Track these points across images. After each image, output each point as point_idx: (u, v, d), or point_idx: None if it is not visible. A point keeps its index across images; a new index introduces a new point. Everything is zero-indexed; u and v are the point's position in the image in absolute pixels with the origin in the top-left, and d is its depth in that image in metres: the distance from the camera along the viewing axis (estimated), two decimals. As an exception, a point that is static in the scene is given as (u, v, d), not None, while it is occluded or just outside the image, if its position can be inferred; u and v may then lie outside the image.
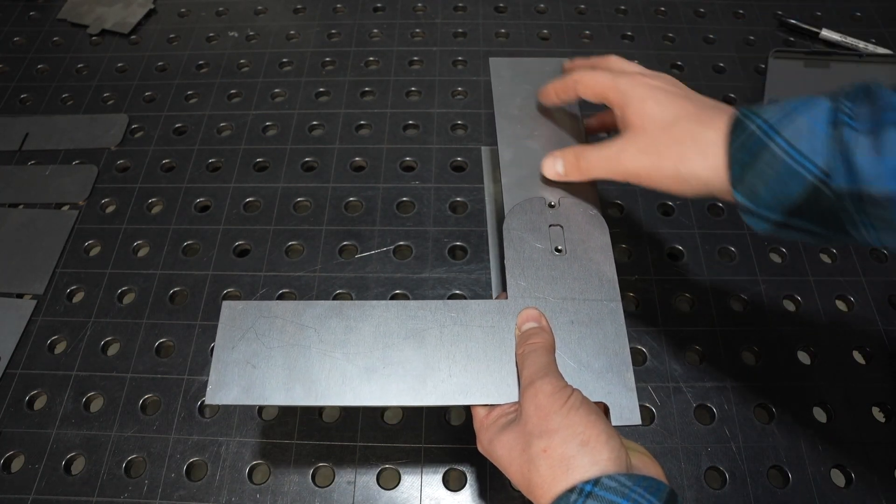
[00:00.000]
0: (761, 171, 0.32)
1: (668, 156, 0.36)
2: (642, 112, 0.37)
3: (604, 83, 0.40)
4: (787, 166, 0.31)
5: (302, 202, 0.61)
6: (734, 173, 0.33)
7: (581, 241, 0.42)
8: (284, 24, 0.78)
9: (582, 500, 0.28)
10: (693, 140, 0.35)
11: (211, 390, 0.36)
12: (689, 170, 0.35)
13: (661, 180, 0.37)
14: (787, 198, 0.32)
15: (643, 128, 0.37)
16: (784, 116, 0.32)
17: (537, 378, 0.33)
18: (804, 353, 0.52)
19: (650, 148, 0.37)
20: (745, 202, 0.33)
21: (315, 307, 0.39)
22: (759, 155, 0.32)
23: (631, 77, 0.39)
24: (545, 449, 0.31)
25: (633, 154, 0.38)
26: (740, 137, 0.33)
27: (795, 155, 0.31)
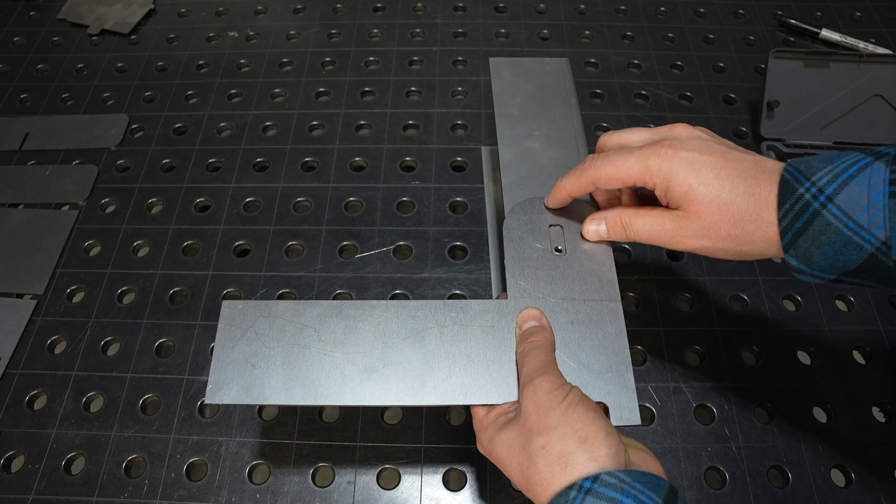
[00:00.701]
0: (815, 238, 0.31)
1: (729, 239, 0.35)
2: (690, 195, 0.35)
3: (633, 170, 0.36)
4: (844, 236, 0.31)
5: (302, 202, 0.61)
6: (786, 239, 0.33)
7: (581, 241, 0.42)
8: (284, 24, 0.78)
9: (581, 496, 0.28)
10: (754, 223, 0.34)
11: (211, 390, 0.36)
12: (751, 249, 0.34)
13: (719, 256, 0.36)
14: (844, 264, 0.31)
15: (698, 213, 0.35)
16: (836, 181, 0.31)
17: (536, 375, 0.33)
18: (804, 353, 0.52)
19: (710, 232, 0.35)
20: (799, 265, 0.33)
21: (315, 307, 0.39)
22: (811, 222, 0.31)
23: (660, 152, 0.36)
24: (543, 446, 0.31)
25: (690, 237, 0.36)
26: (790, 202, 0.32)
27: (852, 225, 0.30)
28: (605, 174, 0.37)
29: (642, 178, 0.36)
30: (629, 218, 0.38)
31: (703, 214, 0.35)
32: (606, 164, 0.37)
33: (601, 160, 0.38)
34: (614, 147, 0.40)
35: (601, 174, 0.37)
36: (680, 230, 0.36)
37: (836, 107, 0.63)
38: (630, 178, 0.37)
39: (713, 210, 0.34)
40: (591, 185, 0.39)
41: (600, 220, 0.40)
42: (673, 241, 0.37)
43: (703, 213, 0.35)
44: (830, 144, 0.62)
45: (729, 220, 0.34)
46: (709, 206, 0.34)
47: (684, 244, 0.36)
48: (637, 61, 0.73)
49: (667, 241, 0.37)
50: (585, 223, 0.41)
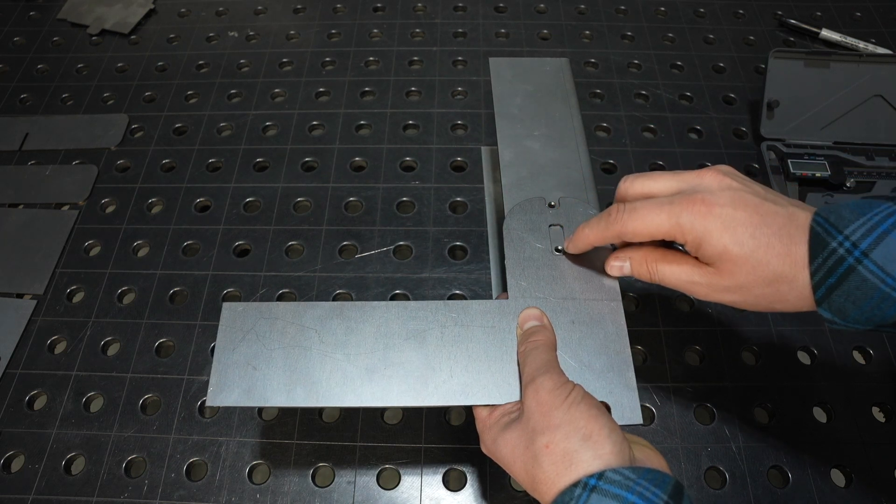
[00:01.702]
0: (850, 294, 0.31)
1: (762, 297, 0.34)
2: (724, 254, 0.33)
3: (664, 226, 0.35)
4: (882, 293, 0.30)
5: (302, 202, 0.61)
6: (819, 293, 0.32)
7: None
8: (284, 24, 0.78)
9: (586, 494, 0.28)
10: (789, 284, 0.33)
11: (212, 392, 0.36)
12: (785, 307, 0.34)
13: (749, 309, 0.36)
14: (881, 318, 0.31)
15: (731, 272, 0.34)
16: (870, 235, 0.30)
17: (538, 374, 0.33)
18: (804, 353, 0.52)
19: (741, 290, 0.34)
20: (833, 318, 0.32)
21: (316, 308, 0.39)
22: (846, 277, 0.31)
23: (692, 208, 0.34)
24: (548, 444, 0.31)
25: (720, 291, 0.35)
26: (821, 256, 0.31)
27: (890, 282, 0.30)
28: (632, 229, 0.36)
29: (672, 235, 0.35)
30: (655, 263, 0.37)
31: (737, 274, 0.34)
32: (634, 218, 0.36)
33: (628, 214, 0.36)
34: (637, 196, 0.38)
35: (628, 229, 0.36)
36: (711, 286, 0.35)
37: (836, 107, 0.63)
38: (660, 233, 0.35)
39: (747, 270, 0.33)
40: (617, 238, 0.37)
41: (625, 259, 0.38)
42: (702, 293, 0.36)
43: (736, 272, 0.34)
44: (830, 144, 0.62)
45: (762, 280, 0.33)
46: (743, 267, 0.33)
47: (713, 297, 0.35)
48: (637, 61, 0.73)
49: (695, 292, 0.36)
50: (610, 259, 0.39)
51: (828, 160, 0.60)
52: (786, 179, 0.59)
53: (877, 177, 0.59)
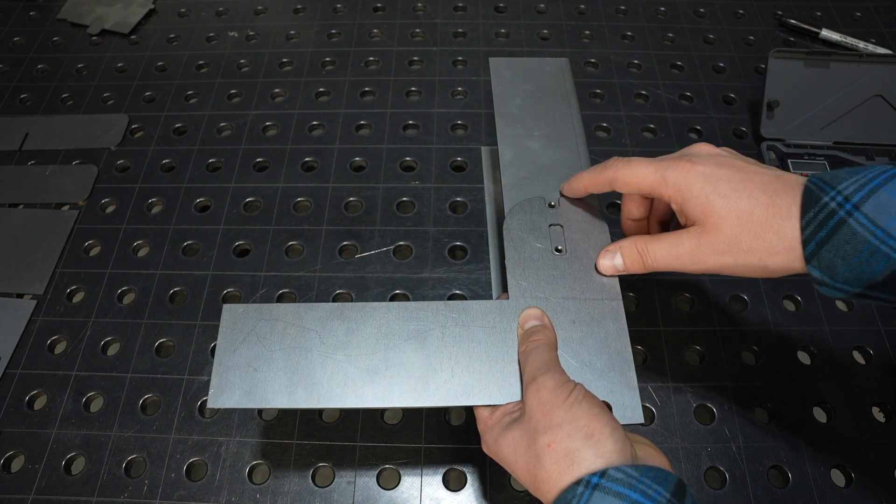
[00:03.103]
0: (839, 248, 0.31)
1: (752, 252, 0.33)
2: (708, 209, 0.34)
3: (649, 178, 0.37)
4: (871, 245, 0.30)
5: (302, 202, 0.61)
6: (808, 249, 0.32)
7: (581, 241, 0.42)
8: (284, 24, 0.78)
9: (589, 492, 0.28)
10: (776, 234, 0.33)
11: (213, 394, 0.36)
12: (776, 264, 0.33)
13: (743, 273, 0.35)
14: (870, 275, 0.30)
15: (716, 226, 0.34)
16: (863, 189, 0.30)
17: (540, 374, 0.33)
18: (804, 353, 0.52)
19: (730, 247, 0.34)
20: (822, 276, 0.32)
21: (316, 309, 0.39)
22: (836, 231, 0.31)
23: (678, 166, 0.36)
24: (549, 444, 0.31)
25: (711, 254, 0.35)
26: (812, 210, 0.31)
27: (880, 234, 0.30)
28: (623, 176, 0.38)
29: (657, 188, 0.36)
30: (645, 245, 0.38)
31: (722, 227, 0.34)
32: (626, 167, 0.38)
33: (623, 163, 0.38)
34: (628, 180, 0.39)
35: (619, 175, 0.38)
36: (699, 247, 0.35)
37: (836, 107, 0.63)
38: (646, 184, 0.37)
39: (732, 222, 0.33)
40: (609, 184, 0.39)
41: (615, 251, 0.39)
42: (693, 260, 0.36)
43: (721, 225, 0.34)
44: (830, 144, 0.62)
45: (749, 231, 0.33)
46: (727, 218, 0.34)
47: (705, 262, 0.35)
48: (637, 61, 0.73)
49: (686, 261, 0.36)
50: (600, 257, 0.40)
51: (828, 160, 0.60)
52: (786, 179, 0.59)
53: (877, 177, 0.59)
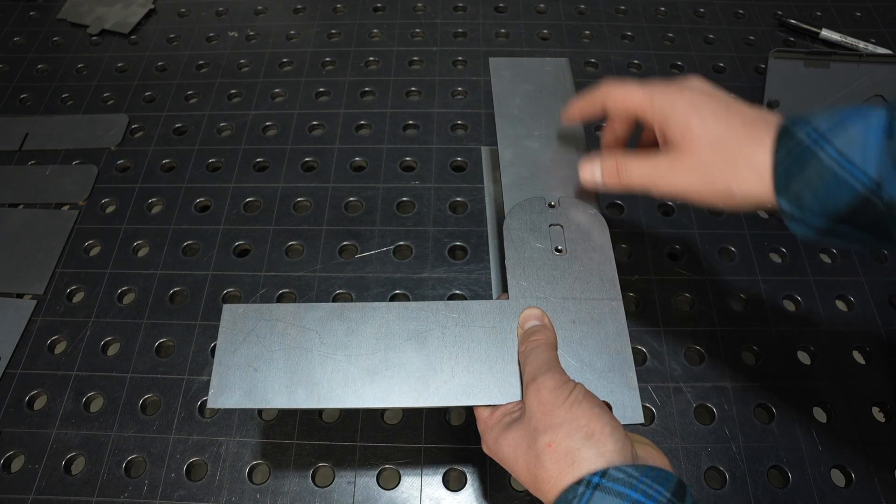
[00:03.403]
0: (808, 179, 0.31)
1: (720, 177, 0.35)
2: (687, 132, 0.36)
3: (638, 98, 0.38)
4: (836, 175, 0.31)
5: (302, 202, 0.61)
6: (779, 181, 0.33)
7: (581, 241, 0.42)
8: (284, 24, 0.78)
9: (590, 492, 0.28)
10: (746, 161, 0.34)
11: (213, 394, 0.36)
12: (743, 190, 0.34)
13: (711, 199, 0.36)
14: (835, 206, 0.31)
15: (691, 149, 0.36)
16: (835, 125, 0.32)
17: (540, 374, 0.33)
18: (804, 353, 0.52)
19: (701, 168, 0.35)
20: (790, 208, 0.33)
21: (316, 309, 0.39)
22: (807, 163, 0.32)
23: (666, 91, 0.38)
24: (550, 443, 0.31)
25: (682, 174, 0.36)
26: (787, 145, 0.33)
27: (846, 164, 0.30)
28: (613, 96, 0.40)
29: (643, 109, 0.38)
30: (624, 160, 0.39)
31: (697, 149, 0.35)
32: (617, 87, 0.40)
33: (614, 84, 0.40)
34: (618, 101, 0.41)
35: (610, 95, 0.40)
36: (672, 166, 0.37)
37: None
38: (634, 104, 0.39)
39: (706, 146, 0.35)
40: (600, 103, 0.41)
41: (595, 162, 0.41)
42: (664, 180, 0.37)
43: (696, 147, 0.35)
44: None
45: (721, 155, 0.35)
46: (702, 141, 0.35)
47: (676, 182, 0.36)
48: (637, 61, 0.73)
49: (658, 180, 0.37)
50: (582, 167, 0.42)
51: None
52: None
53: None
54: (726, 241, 0.58)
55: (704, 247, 0.57)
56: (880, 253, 0.56)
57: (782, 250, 0.57)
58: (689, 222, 0.59)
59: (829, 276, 0.56)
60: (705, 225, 0.59)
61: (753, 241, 0.57)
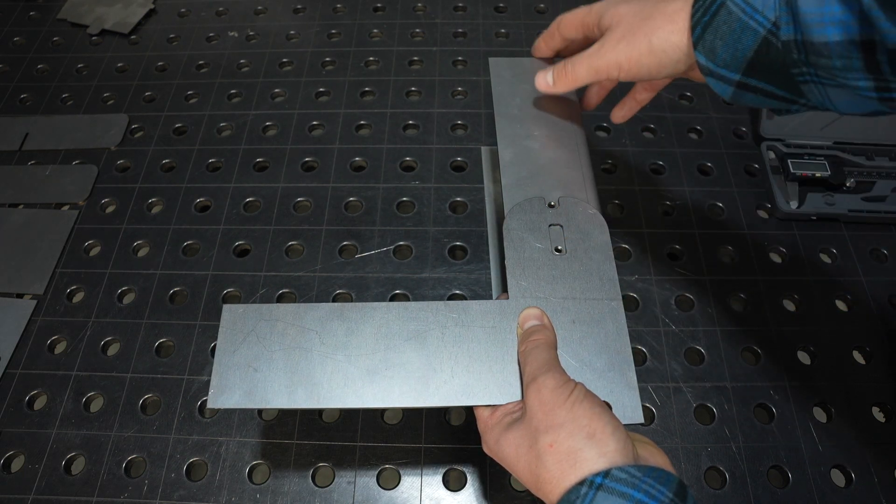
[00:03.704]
0: (718, 28, 0.34)
1: (640, 33, 0.38)
2: (614, 13, 0.40)
3: (580, 12, 0.43)
4: (741, 21, 0.33)
5: (302, 202, 0.61)
6: (695, 34, 0.35)
7: (581, 241, 0.42)
8: (284, 24, 0.78)
9: (592, 492, 0.28)
10: (660, 12, 0.37)
11: (213, 394, 0.36)
12: (660, 39, 0.37)
13: (639, 60, 0.39)
14: (742, 53, 0.34)
15: (617, 22, 0.40)
16: None
17: (540, 374, 0.33)
18: (804, 353, 0.52)
19: (625, 33, 0.39)
20: (706, 62, 0.35)
21: (316, 310, 0.39)
22: (716, 13, 0.34)
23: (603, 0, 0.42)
24: (551, 444, 0.31)
25: (612, 44, 0.40)
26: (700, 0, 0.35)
27: (748, 9, 0.33)
28: (564, 18, 0.45)
29: (586, 20, 0.43)
30: (568, 59, 0.43)
31: (621, 21, 0.40)
32: (566, 14, 0.45)
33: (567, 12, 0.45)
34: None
35: (562, 19, 0.45)
36: (603, 44, 0.40)
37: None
38: (577, 18, 0.44)
39: (628, 14, 0.39)
40: (556, 29, 0.46)
41: (548, 69, 0.45)
42: (599, 55, 0.40)
43: (621, 20, 0.40)
44: (830, 144, 0.62)
45: (640, 16, 0.38)
46: (625, 13, 0.39)
47: (608, 54, 0.40)
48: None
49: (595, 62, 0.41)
50: (537, 76, 0.46)
51: (828, 160, 0.60)
52: (786, 179, 0.59)
53: (877, 177, 0.59)
54: (726, 241, 0.58)
55: (704, 247, 0.57)
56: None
57: (782, 250, 0.57)
58: (689, 222, 0.59)
59: (829, 276, 0.56)
60: (705, 225, 0.59)
61: (753, 241, 0.57)
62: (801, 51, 0.31)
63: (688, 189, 0.61)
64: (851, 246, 0.57)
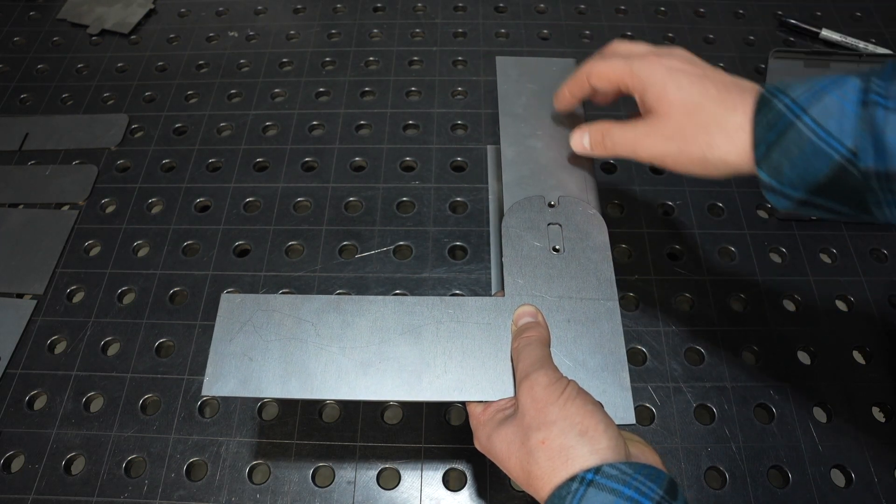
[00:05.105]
0: (787, 150, 0.32)
1: (694, 142, 0.36)
2: (663, 97, 0.37)
3: (618, 70, 0.40)
4: (814, 145, 0.31)
5: (302, 202, 0.61)
6: (759, 152, 0.33)
7: (579, 240, 0.42)
8: (284, 24, 0.78)
9: (583, 488, 0.28)
10: (718, 126, 0.35)
11: (208, 382, 0.36)
12: (716, 156, 0.35)
13: (686, 165, 0.37)
14: (813, 177, 0.31)
15: (667, 114, 0.37)
16: (812, 95, 0.32)
17: (532, 371, 0.33)
18: (804, 353, 0.52)
19: (676, 134, 0.36)
20: (769, 180, 0.33)
21: (313, 301, 0.39)
22: (785, 133, 0.32)
23: (645, 59, 0.39)
24: (543, 440, 0.31)
25: (658, 139, 0.37)
26: (766, 116, 0.33)
27: (822, 134, 0.31)
28: (597, 70, 0.41)
29: (624, 80, 0.39)
30: (607, 128, 0.41)
31: (672, 115, 0.37)
32: (599, 62, 0.41)
33: (597, 59, 0.41)
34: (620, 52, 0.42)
35: (593, 70, 0.41)
36: (650, 132, 0.38)
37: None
38: (615, 76, 0.40)
39: (681, 112, 0.36)
40: (585, 79, 0.42)
41: (585, 130, 0.43)
42: (643, 145, 0.38)
43: (671, 113, 0.37)
44: (830, 144, 0.62)
45: (695, 121, 0.36)
46: (678, 108, 0.36)
47: (653, 147, 0.38)
48: (637, 61, 0.72)
49: (638, 146, 0.39)
50: (573, 134, 0.44)
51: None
52: (786, 179, 0.59)
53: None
54: (726, 241, 0.58)
55: (704, 247, 0.57)
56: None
57: (782, 250, 0.57)
58: (689, 222, 0.59)
59: (829, 276, 0.56)
60: (705, 225, 0.59)
61: (753, 241, 0.57)
62: (883, 180, 0.30)
63: (688, 189, 0.61)
64: (851, 246, 0.57)
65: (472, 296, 0.54)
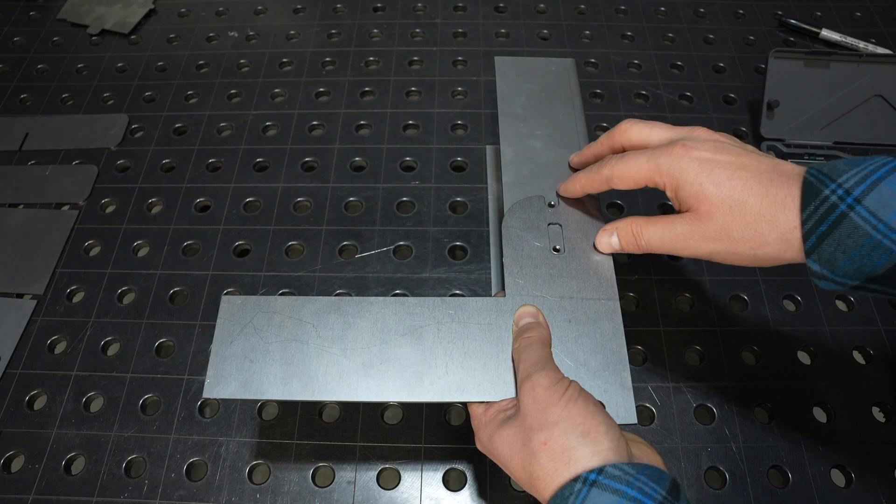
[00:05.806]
0: (841, 242, 0.30)
1: (742, 242, 0.33)
2: (702, 195, 0.34)
3: (644, 170, 0.36)
4: (874, 240, 0.29)
5: (302, 202, 0.61)
6: (808, 243, 0.31)
7: (580, 240, 0.42)
8: (284, 24, 0.78)
9: (586, 489, 0.28)
10: (769, 225, 0.33)
11: (209, 384, 0.36)
12: (767, 255, 0.33)
13: (734, 261, 0.35)
14: (871, 269, 0.30)
15: (708, 213, 0.34)
16: (864, 182, 0.30)
17: (534, 371, 0.33)
18: (804, 353, 0.52)
19: (721, 235, 0.34)
20: (821, 270, 0.31)
21: (314, 303, 0.39)
22: (838, 225, 0.30)
23: (672, 153, 0.35)
24: (545, 441, 0.31)
25: (702, 240, 0.35)
26: (813, 204, 0.31)
27: (882, 228, 0.29)
28: (619, 173, 0.38)
29: (652, 178, 0.36)
30: (640, 227, 0.38)
31: (715, 215, 0.34)
32: (621, 163, 0.38)
33: (617, 159, 0.38)
34: (632, 142, 0.40)
35: (615, 172, 0.38)
36: (691, 234, 0.35)
37: (836, 107, 0.63)
38: (641, 176, 0.37)
39: (724, 211, 0.33)
40: (606, 182, 0.39)
41: (612, 231, 0.40)
42: (684, 246, 0.36)
43: (714, 213, 0.34)
44: (830, 144, 0.62)
45: (741, 221, 0.33)
46: (720, 207, 0.33)
47: (696, 248, 0.35)
48: (637, 61, 0.73)
49: (678, 246, 0.36)
50: (599, 235, 0.41)
51: (827, 160, 0.60)
52: (786, 179, 0.59)
53: (877, 177, 0.59)
54: (726, 241, 0.57)
55: (704, 247, 0.57)
56: None
57: (782, 250, 0.57)
58: (689, 222, 0.59)
59: (829, 275, 0.55)
60: (705, 225, 0.59)
61: (753, 241, 0.57)
62: None
63: (688, 189, 0.61)
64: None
65: (473, 296, 0.54)
